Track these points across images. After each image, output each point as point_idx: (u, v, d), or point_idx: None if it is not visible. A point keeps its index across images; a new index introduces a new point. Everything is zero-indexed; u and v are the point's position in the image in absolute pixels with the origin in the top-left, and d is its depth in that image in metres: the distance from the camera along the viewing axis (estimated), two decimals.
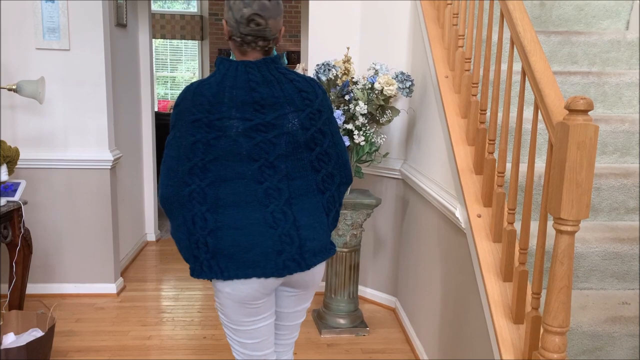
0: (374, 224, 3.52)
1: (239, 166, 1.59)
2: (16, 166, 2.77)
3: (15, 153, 2.71)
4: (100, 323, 3.17)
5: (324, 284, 3.30)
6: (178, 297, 3.55)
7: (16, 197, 2.78)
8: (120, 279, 3.69)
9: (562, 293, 1.46)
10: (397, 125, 3.29)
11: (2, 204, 2.69)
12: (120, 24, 3.82)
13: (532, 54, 1.71)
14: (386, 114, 2.93)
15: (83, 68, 3.34)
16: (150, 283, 3.84)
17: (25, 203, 2.84)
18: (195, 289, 3.68)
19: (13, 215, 2.78)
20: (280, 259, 1.60)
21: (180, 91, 1.67)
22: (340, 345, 3.01)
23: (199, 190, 1.56)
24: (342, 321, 3.15)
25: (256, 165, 1.60)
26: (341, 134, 2.88)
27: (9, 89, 2.88)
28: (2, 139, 2.75)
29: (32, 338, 2.51)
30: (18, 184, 2.83)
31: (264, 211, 1.60)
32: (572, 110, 1.40)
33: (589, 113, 1.40)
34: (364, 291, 3.61)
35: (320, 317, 3.23)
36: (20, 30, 3.26)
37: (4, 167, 2.63)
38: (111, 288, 3.56)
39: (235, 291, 1.63)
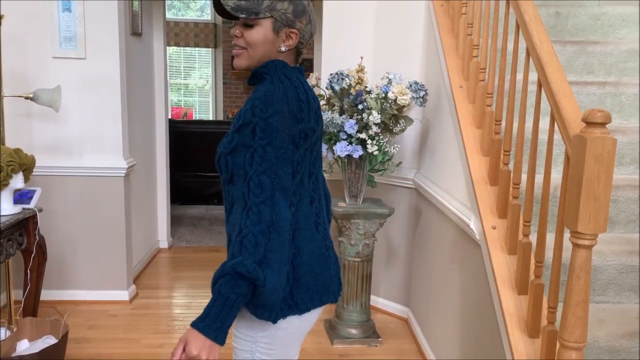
0: (387, 233, 3.51)
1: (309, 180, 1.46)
2: (32, 174, 2.79)
3: (32, 161, 2.73)
4: (113, 330, 3.18)
5: None
6: (190, 304, 3.56)
7: (32, 205, 2.80)
8: (133, 286, 3.70)
9: (579, 308, 1.44)
10: (410, 135, 3.28)
11: (17, 212, 2.71)
12: (136, 33, 3.86)
13: (548, 65, 1.69)
14: (399, 124, 2.92)
15: (99, 76, 3.37)
16: (163, 290, 3.85)
17: (40, 210, 2.86)
18: (206, 297, 3.67)
19: (28, 223, 2.80)
20: (338, 281, 1.55)
21: None
22: (352, 355, 2.99)
23: (293, 212, 1.40)
24: (354, 331, 3.14)
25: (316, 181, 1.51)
26: (354, 143, 2.88)
27: (26, 98, 2.92)
28: (19, 146, 2.78)
29: (45, 345, 2.53)
30: (34, 191, 2.85)
31: (319, 233, 1.49)
32: (589, 123, 1.38)
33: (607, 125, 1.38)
34: (376, 301, 3.59)
35: (332, 327, 3.21)
36: (37, 39, 3.30)
37: (20, 175, 2.65)
38: (124, 295, 3.58)
39: (303, 323, 1.47)
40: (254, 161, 1.30)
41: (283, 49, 1.43)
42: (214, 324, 1.27)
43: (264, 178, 1.29)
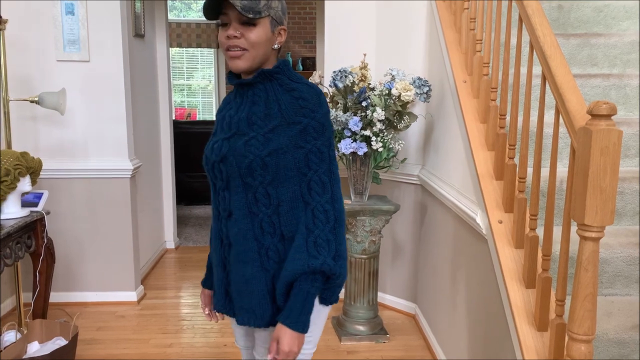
0: (393, 230, 3.51)
1: None
2: (39, 177, 2.80)
3: (38, 164, 2.75)
4: (122, 331, 3.20)
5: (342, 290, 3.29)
6: (198, 304, 3.57)
7: (39, 208, 2.82)
8: (141, 287, 3.72)
9: (587, 301, 1.44)
10: (414, 131, 3.28)
11: (25, 215, 2.73)
12: (139, 35, 3.87)
13: (552, 58, 1.69)
14: (404, 120, 2.92)
15: (102, 79, 3.39)
16: (170, 290, 3.86)
17: (48, 213, 2.88)
18: None
19: (36, 226, 2.82)
20: None
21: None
22: (360, 352, 3.00)
23: None
24: (361, 328, 3.14)
25: None
26: (359, 140, 2.89)
27: (31, 101, 2.93)
28: (25, 150, 2.80)
29: (56, 347, 2.55)
30: (41, 194, 2.87)
31: None
32: (594, 115, 1.38)
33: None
34: (384, 298, 3.59)
35: (339, 324, 3.22)
36: (41, 43, 3.32)
37: (28, 178, 2.66)
38: (132, 296, 3.59)
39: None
40: (310, 162, 1.39)
41: (276, 46, 1.48)
42: (300, 318, 1.38)
43: (324, 177, 1.39)
